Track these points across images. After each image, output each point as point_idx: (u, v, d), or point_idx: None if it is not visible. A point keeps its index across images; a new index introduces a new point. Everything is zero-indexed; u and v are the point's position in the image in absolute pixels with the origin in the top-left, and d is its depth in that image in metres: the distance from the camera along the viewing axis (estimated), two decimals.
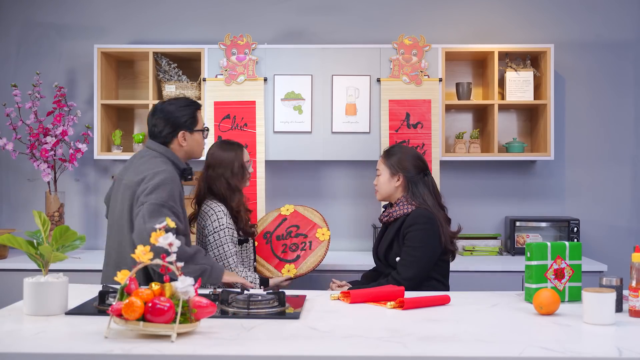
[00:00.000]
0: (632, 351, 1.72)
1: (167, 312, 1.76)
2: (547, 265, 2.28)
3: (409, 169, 2.88)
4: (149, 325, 1.76)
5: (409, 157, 2.91)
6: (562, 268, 2.29)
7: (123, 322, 1.77)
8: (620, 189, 4.23)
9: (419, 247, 2.75)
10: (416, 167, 2.89)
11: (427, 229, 2.76)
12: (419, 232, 2.76)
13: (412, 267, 2.74)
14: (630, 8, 4.22)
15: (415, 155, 2.94)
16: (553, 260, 2.29)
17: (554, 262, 2.29)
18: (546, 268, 2.28)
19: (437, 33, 4.15)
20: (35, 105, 3.93)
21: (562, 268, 2.29)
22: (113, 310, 1.78)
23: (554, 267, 2.29)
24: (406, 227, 2.79)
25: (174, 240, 1.84)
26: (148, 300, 1.78)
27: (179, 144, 2.71)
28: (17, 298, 2.24)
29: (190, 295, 1.81)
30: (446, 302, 2.29)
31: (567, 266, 2.30)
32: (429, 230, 2.77)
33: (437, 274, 2.83)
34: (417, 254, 2.75)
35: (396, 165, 2.90)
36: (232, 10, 4.24)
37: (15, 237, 2.06)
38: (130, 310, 1.75)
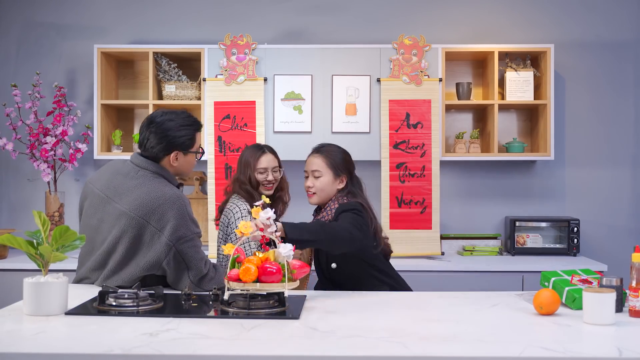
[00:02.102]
0: (632, 351, 1.72)
1: (276, 273, 2.11)
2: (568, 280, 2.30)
3: (350, 170, 2.85)
4: (264, 285, 2.10)
5: (347, 157, 2.86)
6: (584, 279, 2.30)
7: (241, 285, 2.10)
8: (620, 189, 4.23)
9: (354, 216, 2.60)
10: (352, 167, 2.87)
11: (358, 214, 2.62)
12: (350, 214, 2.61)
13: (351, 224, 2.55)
14: (630, 8, 4.22)
15: (348, 154, 2.88)
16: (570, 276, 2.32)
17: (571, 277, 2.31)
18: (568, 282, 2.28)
19: (437, 33, 4.15)
20: (35, 105, 3.93)
21: (584, 279, 2.30)
22: (230, 277, 2.11)
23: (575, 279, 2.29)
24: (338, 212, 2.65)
25: (272, 214, 2.21)
26: (258, 265, 2.11)
27: (170, 163, 2.51)
28: (17, 298, 2.24)
29: (290, 259, 2.15)
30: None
31: (587, 278, 2.31)
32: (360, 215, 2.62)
33: (375, 270, 2.75)
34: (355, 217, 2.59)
35: (341, 166, 2.81)
36: (232, 10, 4.24)
37: (15, 237, 2.06)
38: (248, 275, 2.09)
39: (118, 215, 2.41)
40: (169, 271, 2.40)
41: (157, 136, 2.47)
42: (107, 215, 2.44)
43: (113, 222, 2.42)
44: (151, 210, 2.36)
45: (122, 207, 2.40)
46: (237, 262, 2.19)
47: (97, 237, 2.47)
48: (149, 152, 2.50)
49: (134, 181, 2.44)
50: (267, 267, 2.12)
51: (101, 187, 2.49)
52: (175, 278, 2.41)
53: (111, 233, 2.42)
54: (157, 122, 2.49)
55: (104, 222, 2.45)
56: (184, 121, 2.52)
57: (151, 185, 2.42)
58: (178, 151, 2.50)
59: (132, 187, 2.42)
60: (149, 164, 2.48)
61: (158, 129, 2.48)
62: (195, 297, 2.30)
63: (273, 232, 2.24)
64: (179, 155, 2.51)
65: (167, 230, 2.35)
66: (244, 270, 2.11)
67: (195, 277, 2.40)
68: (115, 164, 2.57)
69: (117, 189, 2.45)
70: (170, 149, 2.48)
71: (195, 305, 2.21)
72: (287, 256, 2.15)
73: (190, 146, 2.54)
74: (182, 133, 2.49)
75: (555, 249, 3.99)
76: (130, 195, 2.41)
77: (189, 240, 2.39)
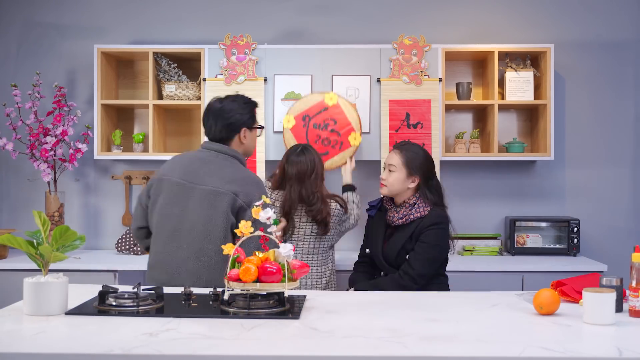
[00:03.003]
0: (632, 351, 1.72)
1: (276, 273, 2.10)
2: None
3: (425, 173, 2.89)
4: (264, 285, 2.09)
5: (425, 160, 2.91)
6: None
7: (241, 285, 2.09)
8: (620, 189, 4.23)
9: (436, 246, 2.81)
10: (430, 171, 2.92)
11: (444, 229, 2.83)
12: (438, 231, 2.81)
13: (426, 265, 2.79)
14: (630, 8, 4.22)
15: (429, 159, 2.94)
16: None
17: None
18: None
19: (437, 33, 4.16)
20: (35, 105, 3.93)
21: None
22: (230, 277, 2.10)
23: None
24: (424, 227, 2.81)
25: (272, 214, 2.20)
26: (258, 265, 2.10)
27: (240, 141, 2.69)
28: (17, 298, 2.24)
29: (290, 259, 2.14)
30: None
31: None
32: (445, 230, 2.83)
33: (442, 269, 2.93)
34: (435, 253, 2.81)
35: (415, 167, 2.89)
36: (232, 10, 4.24)
37: (15, 237, 2.06)
38: (247, 275, 2.08)
39: (206, 195, 2.53)
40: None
41: (224, 120, 2.65)
42: (194, 201, 2.54)
43: (201, 202, 2.53)
44: (239, 187, 2.53)
45: (209, 187, 2.54)
46: (237, 262, 2.19)
47: (184, 225, 2.54)
48: (219, 136, 2.66)
49: (214, 165, 2.60)
50: (267, 267, 2.12)
51: (180, 176, 2.60)
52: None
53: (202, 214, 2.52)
54: (219, 108, 2.67)
55: (190, 208, 2.55)
56: (243, 100, 2.73)
57: (233, 167, 2.61)
58: (245, 128, 2.69)
59: (215, 169, 2.58)
60: (224, 147, 2.65)
61: (222, 114, 2.66)
62: (195, 297, 2.30)
63: (273, 232, 2.25)
64: (246, 133, 2.70)
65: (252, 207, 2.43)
66: (244, 270, 2.10)
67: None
68: (185, 155, 2.72)
69: (198, 173, 2.58)
70: (238, 128, 2.67)
71: (195, 305, 2.21)
72: (287, 256, 2.15)
73: (254, 122, 2.74)
74: (245, 111, 2.70)
75: (555, 249, 3.99)
76: (216, 176, 2.56)
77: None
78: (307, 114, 3.57)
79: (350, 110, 3.68)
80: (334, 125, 3.67)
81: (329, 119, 3.68)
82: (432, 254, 2.80)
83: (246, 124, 2.69)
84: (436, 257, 2.82)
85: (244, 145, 2.71)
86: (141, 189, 4.22)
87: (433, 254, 2.80)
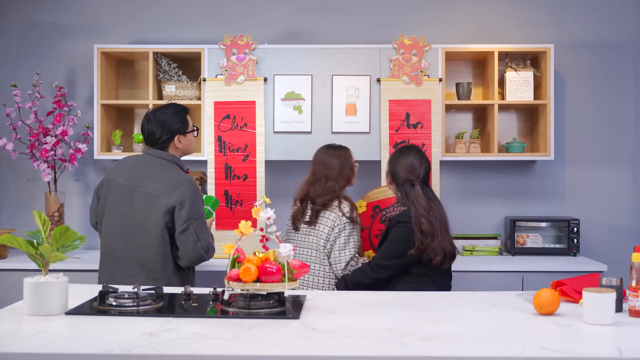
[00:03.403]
0: (632, 351, 1.72)
1: (276, 273, 2.11)
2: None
3: (397, 178, 3.03)
4: (264, 285, 2.10)
5: (399, 165, 3.03)
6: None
7: (241, 285, 2.11)
8: (620, 189, 4.23)
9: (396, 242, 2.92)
10: (404, 178, 3.01)
11: (408, 228, 2.90)
12: (400, 228, 2.93)
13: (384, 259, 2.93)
14: (630, 8, 4.22)
15: (406, 167, 3.01)
16: None
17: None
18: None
19: (437, 33, 4.16)
20: (35, 105, 3.93)
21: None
22: (230, 276, 2.12)
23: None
24: (392, 224, 2.97)
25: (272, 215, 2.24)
26: (258, 265, 2.12)
27: (175, 147, 2.99)
28: (17, 298, 2.24)
29: (290, 259, 2.16)
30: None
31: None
32: (409, 230, 2.90)
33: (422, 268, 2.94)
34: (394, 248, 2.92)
35: (390, 172, 3.08)
36: (232, 10, 4.24)
37: (15, 237, 2.06)
38: (248, 275, 2.09)
39: (145, 197, 2.84)
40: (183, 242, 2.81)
41: (159, 130, 2.96)
42: (136, 201, 2.86)
43: (142, 203, 2.85)
44: (173, 189, 2.83)
45: (148, 190, 2.85)
46: (237, 262, 2.19)
47: (130, 221, 2.86)
48: (157, 143, 2.97)
49: (153, 169, 2.91)
50: (267, 267, 2.12)
51: (125, 179, 2.92)
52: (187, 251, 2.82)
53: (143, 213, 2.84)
54: (153, 120, 2.99)
55: (134, 207, 2.86)
56: (173, 111, 3.02)
57: (169, 171, 2.91)
58: (178, 135, 2.99)
59: (153, 174, 2.89)
60: (162, 153, 2.97)
61: (157, 125, 2.97)
62: (195, 297, 2.31)
63: (273, 232, 2.25)
64: (180, 138, 3.00)
65: (186, 206, 2.81)
66: (244, 270, 2.11)
67: (206, 247, 2.84)
68: (131, 159, 3.02)
69: (140, 177, 2.90)
70: (172, 137, 2.98)
71: (195, 305, 2.21)
72: (287, 256, 2.15)
73: (186, 128, 3.03)
74: (176, 120, 2.99)
75: (555, 249, 3.99)
76: (154, 180, 2.87)
77: (200, 217, 2.86)
78: (379, 205, 3.49)
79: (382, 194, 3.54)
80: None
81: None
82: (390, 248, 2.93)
83: (178, 131, 2.99)
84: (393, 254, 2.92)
85: (180, 149, 3.02)
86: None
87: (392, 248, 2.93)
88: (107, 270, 2.89)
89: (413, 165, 3.01)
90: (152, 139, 2.97)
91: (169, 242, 2.82)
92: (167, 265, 2.83)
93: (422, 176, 3.01)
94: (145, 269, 2.82)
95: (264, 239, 2.34)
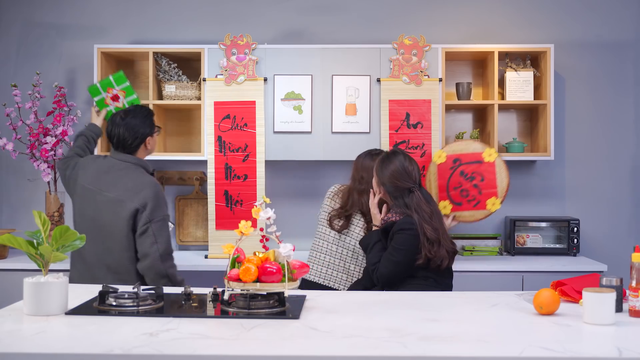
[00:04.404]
0: (632, 351, 1.72)
1: (276, 273, 2.12)
2: None
3: (387, 186, 2.97)
4: (264, 285, 2.11)
5: (393, 175, 2.94)
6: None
7: (241, 285, 2.11)
8: (620, 189, 4.23)
9: (401, 250, 2.84)
10: (401, 187, 2.94)
11: (413, 235, 2.84)
12: (404, 235, 2.85)
13: (389, 266, 2.86)
14: (630, 8, 4.22)
15: (400, 175, 2.94)
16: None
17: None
18: None
19: (437, 33, 4.15)
20: (35, 105, 3.93)
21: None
22: (230, 276, 2.13)
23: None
24: (395, 230, 2.89)
25: (272, 215, 2.23)
26: (258, 265, 2.12)
27: (145, 148, 3.07)
28: (17, 298, 2.24)
29: (290, 259, 2.15)
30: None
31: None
32: (413, 237, 2.84)
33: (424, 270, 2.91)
34: (399, 256, 2.85)
35: (383, 180, 2.99)
36: (232, 10, 4.24)
37: (15, 237, 2.06)
38: (248, 275, 2.09)
39: (109, 202, 2.88)
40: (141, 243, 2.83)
41: (130, 135, 3.00)
42: (101, 205, 2.90)
43: (106, 208, 2.89)
44: (136, 193, 2.86)
45: (112, 194, 2.89)
46: (237, 262, 2.19)
47: (96, 224, 2.89)
48: (128, 147, 3.01)
49: (118, 173, 2.95)
50: (267, 267, 2.12)
51: (89, 182, 2.97)
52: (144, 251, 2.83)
53: (109, 218, 2.87)
54: (124, 125, 3.01)
55: (99, 211, 2.90)
56: (142, 114, 3.07)
57: (134, 174, 2.95)
58: (149, 137, 3.07)
59: (117, 178, 2.93)
60: (128, 157, 3.01)
61: (128, 129, 3.01)
62: (195, 297, 2.31)
63: (273, 232, 2.25)
64: (150, 140, 3.08)
65: (147, 209, 2.84)
66: (244, 270, 2.11)
67: (162, 251, 2.84)
68: (97, 162, 3.05)
69: (104, 181, 2.94)
70: (144, 140, 3.04)
71: (195, 305, 2.21)
72: (287, 256, 2.15)
73: (154, 129, 3.11)
74: (146, 123, 3.06)
75: (555, 249, 3.99)
76: (118, 184, 2.91)
77: (161, 220, 2.87)
78: (460, 159, 3.51)
79: (503, 174, 3.50)
80: (479, 181, 3.52)
81: (477, 173, 3.53)
82: (395, 256, 2.86)
83: (149, 133, 3.07)
84: (399, 262, 2.86)
85: (148, 150, 3.10)
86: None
87: (396, 256, 2.86)
88: (76, 270, 2.95)
89: (407, 170, 2.94)
90: (123, 144, 3.01)
91: (134, 246, 2.87)
92: (133, 268, 2.86)
93: (418, 179, 2.97)
94: (112, 271, 2.86)
95: (264, 239, 2.34)
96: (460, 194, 3.54)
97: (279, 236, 2.26)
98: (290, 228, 3.98)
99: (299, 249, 3.79)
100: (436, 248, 2.84)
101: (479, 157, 3.54)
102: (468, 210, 3.54)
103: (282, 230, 2.64)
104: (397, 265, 2.85)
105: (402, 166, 2.94)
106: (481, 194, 3.52)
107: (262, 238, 2.34)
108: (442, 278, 2.92)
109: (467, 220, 3.60)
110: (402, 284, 2.88)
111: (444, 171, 3.55)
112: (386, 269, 2.86)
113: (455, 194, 3.53)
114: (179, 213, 4.22)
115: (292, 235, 3.89)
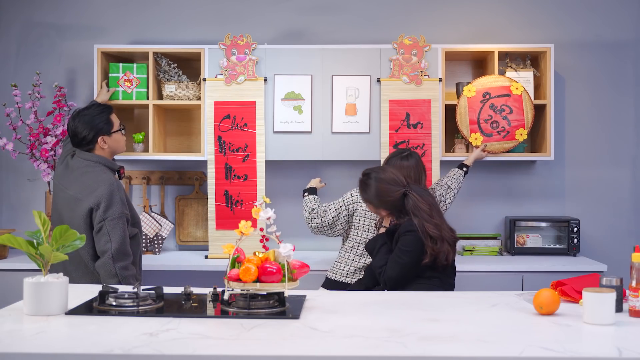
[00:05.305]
0: (632, 351, 1.72)
1: (276, 273, 2.11)
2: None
3: (385, 204, 2.97)
4: (264, 285, 2.10)
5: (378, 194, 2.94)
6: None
7: (241, 285, 2.11)
8: (620, 189, 4.23)
9: (407, 251, 2.84)
10: (387, 203, 2.95)
11: (418, 236, 2.84)
12: (409, 237, 2.85)
13: (396, 268, 2.85)
14: (630, 8, 4.22)
15: (378, 195, 2.94)
16: None
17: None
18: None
19: (437, 33, 4.16)
20: (35, 105, 3.93)
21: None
22: (230, 276, 2.12)
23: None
24: (400, 233, 2.89)
25: (272, 215, 2.22)
26: (258, 265, 2.12)
27: (101, 147, 3.04)
28: (17, 298, 2.24)
29: (290, 259, 2.15)
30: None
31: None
32: (419, 238, 2.84)
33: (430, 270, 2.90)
34: (405, 258, 2.84)
35: (374, 204, 3.00)
36: (232, 10, 4.24)
37: (15, 237, 2.06)
38: (248, 275, 2.09)
39: (68, 199, 2.97)
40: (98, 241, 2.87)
41: (82, 132, 3.00)
42: (63, 202, 3.01)
43: (67, 205, 2.98)
44: (91, 191, 2.91)
45: (71, 192, 2.97)
46: (237, 262, 2.19)
47: (60, 220, 2.98)
48: (82, 144, 3.02)
49: (77, 172, 3.00)
50: (267, 267, 2.12)
51: (58, 179, 3.09)
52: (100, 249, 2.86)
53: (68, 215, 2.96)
54: (77, 122, 3.01)
55: (63, 206, 3.01)
56: (96, 112, 3.04)
57: (93, 173, 2.98)
58: (103, 135, 3.02)
59: (77, 176, 2.99)
60: (89, 155, 3.03)
61: (79, 127, 3.00)
62: (195, 297, 2.31)
63: (273, 232, 2.25)
64: (105, 139, 3.04)
65: (101, 207, 2.87)
66: (244, 270, 2.11)
67: (115, 250, 2.84)
68: (65, 161, 3.09)
69: (66, 178, 3.02)
70: (95, 138, 3.01)
71: (195, 305, 2.21)
72: (287, 256, 2.15)
73: (111, 128, 3.06)
74: (99, 121, 3.02)
75: (555, 249, 3.99)
76: (77, 182, 2.98)
77: (115, 219, 2.88)
78: (489, 92, 3.78)
79: (529, 106, 3.82)
80: (508, 114, 3.81)
81: (506, 106, 3.82)
82: (402, 258, 2.86)
83: (102, 131, 3.03)
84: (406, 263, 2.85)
85: (106, 149, 3.06)
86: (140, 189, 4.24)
87: (404, 258, 2.86)
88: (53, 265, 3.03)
89: (388, 182, 2.93)
90: (76, 140, 3.03)
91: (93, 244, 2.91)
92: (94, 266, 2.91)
93: (405, 181, 2.96)
94: (83, 264, 2.93)
95: (264, 239, 2.34)
96: (490, 125, 3.78)
97: (279, 236, 2.25)
98: (290, 228, 3.98)
99: (299, 249, 3.80)
100: (439, 244, 2.84)
101: (507, 90, 3.78)
102: (498, 142, 3.79)
103: (282, 230, 2.64)
104: (404, 267, 2.85)
105: (379, 183, 2.94)
106: (510, 125, 3.82)
107: (262, 238, 2.34)
108: (447, 278, 2.93)
109: (496, 150, 3.84)
110: (407, 284, 2.88)
111: (474, 104, 3.78)
112: (394, 271, 2.86)
113: (486, 126, 3.80)
114: (179, 213, 4.22)
115: (292, 235, 3.90)
